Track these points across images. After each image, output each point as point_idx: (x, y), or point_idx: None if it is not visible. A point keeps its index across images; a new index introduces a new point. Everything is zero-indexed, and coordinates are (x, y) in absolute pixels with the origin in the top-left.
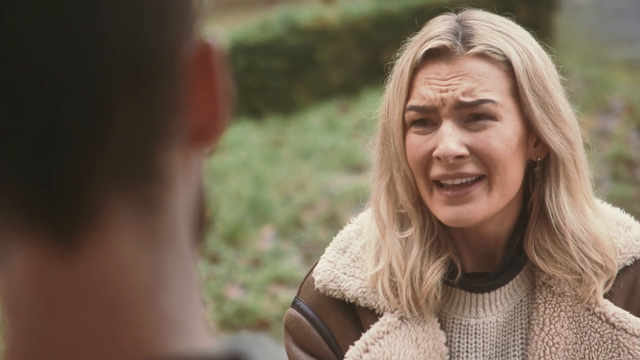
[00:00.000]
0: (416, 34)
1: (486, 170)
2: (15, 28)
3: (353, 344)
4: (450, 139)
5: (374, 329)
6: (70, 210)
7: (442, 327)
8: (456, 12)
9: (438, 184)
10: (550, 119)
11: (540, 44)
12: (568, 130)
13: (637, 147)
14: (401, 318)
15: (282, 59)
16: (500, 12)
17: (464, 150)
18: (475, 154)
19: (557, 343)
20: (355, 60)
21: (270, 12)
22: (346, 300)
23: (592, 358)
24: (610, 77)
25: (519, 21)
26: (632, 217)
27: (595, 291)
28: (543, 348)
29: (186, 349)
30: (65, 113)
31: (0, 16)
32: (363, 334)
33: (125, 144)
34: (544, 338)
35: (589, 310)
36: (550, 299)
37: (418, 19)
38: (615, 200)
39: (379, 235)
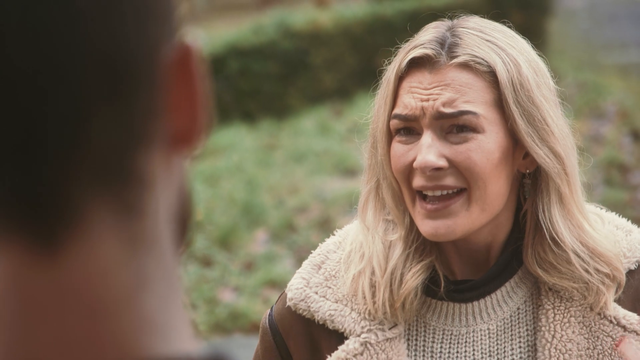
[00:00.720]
0: (409, 40)
1: (466, 184)
2: None
3: None
4: (428, 150)
5: (335, 355)
6: (49, 214)
7: (430, 339)
8: (450, 18)
9: (420, 194)
10: (537, 132)
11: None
12: (556, 143)
13: (630, 152)
14: (365, 344)
15: (275, 62)
16: (493, 17)
17: (442, 162)
18: (455, 166)
19: (570, 350)
20: (349, 64)
21: (263, 16)
22: (315, 321)
23: None
24: (603, 82)
25: (512, 27)
26: (629, 221)
27: (605, 302)
28: (557, 355)
29: (168, 351)
30: (41, 118)
31: None
32: (328, 356)
33: (104, 148)
34: (556, 345)
35: (600, 314)
36: (559, 304)
37: (411, 24)
38: (608, 205)
39: (363, 238)
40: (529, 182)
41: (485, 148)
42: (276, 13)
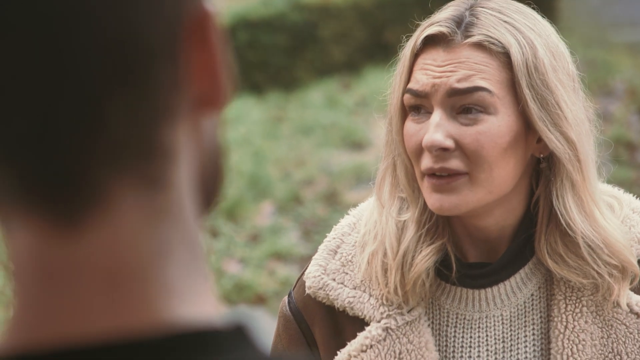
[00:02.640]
0: (429, 17)
1: (470, 167)
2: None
3: (336, 354)
4: (436, 129)
5: (358, 341)
6: (70, 190)
7: (444, 322)
8: None
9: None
10: (550, 116)
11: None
12: (569, 129)
13: (637, 130)
14: (386, 329)
15: (284, 35)
16: None
17: (449, 143)
18: (461, 148)
19: (584, 340)
20: (357, 38)
21: None
22: (336, 308)
23: (620, 351)
24: (612, 60)
25: (521, 3)
26: None
27: (618, 294)
28: (570, 347)
29: (190, 316)
30: (55, 101)
31: None
32: (348, 343)
33: (124, 126)
34: (569, 336)
35: (613, 302)
36: (570, 294)
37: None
38: (616, 183)
39: (377, 216)
40: (545, 165)
41: (494, 131)
42: None
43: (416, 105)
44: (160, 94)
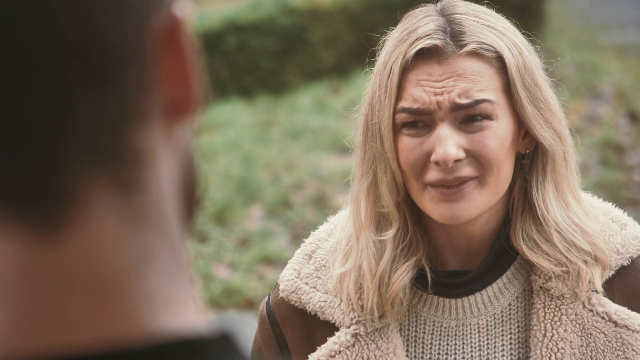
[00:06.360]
0: (392, 28)
1: (480, 172)
2: None
3: (307, 358)
4: (448, 142)
5: (327, 346)
6: (45, 197)
7: (421, 330)
8: (435, 0)
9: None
10: (542, 114)
11: (524, 33)
12: (558, 124)
13: (626, 133)
14: (355, 335)
15: (273, 38)
16: None
17: (461, 154)
18: (472, 155)
19: (562, 348)
20: (347, 42)
21: None
22: (307, 312)
23: (600, 359)
24: (601, 62)
25: (510, 5)
26: (625, 213)
27: (590, 281)
28: (549, 355)
29: (174, 325)
30: (22, 105)
31: None
32: (318, 348)
33: (94, 129)
34: (547, 344)
35: (592, 311)
36: (549, 303)
37: (411, 1)
38: (604, 186)
39: (352, 233)
40: (528, 161)
41: (499, 135)
42: None
43: (413, 120)
44: (129, 96)
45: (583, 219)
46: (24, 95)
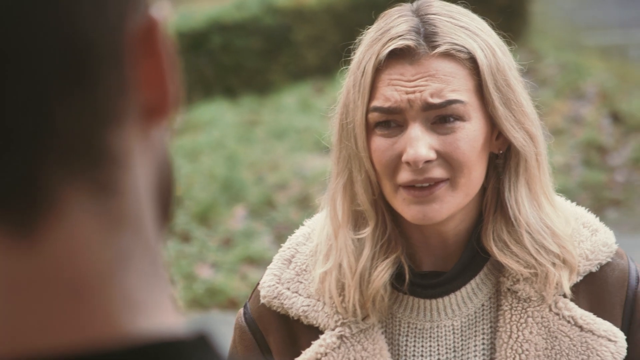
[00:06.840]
0: (369, 27)
1: (451, 173)
2: None
3: None
4: (419, 143)
5: (312, 349)
6: (21, 200)
7: (397, 331)
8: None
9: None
10: (513, 115)
11: (501, 34)
12: (531, 125)
13: (609, 134)
14: (341, 337)
15: (258, 38)
16: None
17: (432, 155)
18: (443, 157)
19: (527, 350)
20: (331, 42)
21: None
22: (290, 317)
23: None
24: (584, 63)
25: (495, 6)
26: (597, 218)
27: (558, 284)
28: (513, 356)
29: (151, 327)
30: (1, 102)
31: None
32: (303, 352)
33: (71, 131)
34: (512, 345)
35: (558, 315)
36: (516, 305)
37: (395, 2)
38: (587, 187)
39: (331, 233)
40: (501, 162)
41: (471, 136)
42: None
43: (386, 120)
44: (106, 98)
45: (554, 220)
46: (2, 92)
